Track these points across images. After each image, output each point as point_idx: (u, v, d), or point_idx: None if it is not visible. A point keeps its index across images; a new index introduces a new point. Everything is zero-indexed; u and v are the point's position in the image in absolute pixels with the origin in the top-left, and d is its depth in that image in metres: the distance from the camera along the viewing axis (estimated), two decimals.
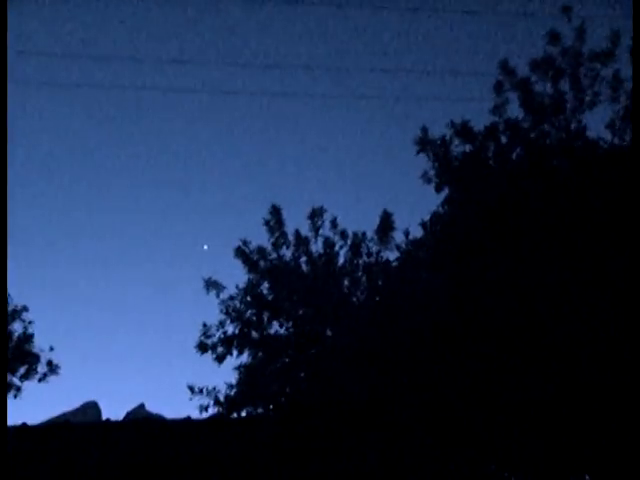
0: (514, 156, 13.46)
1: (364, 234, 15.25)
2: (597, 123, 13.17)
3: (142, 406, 24.55)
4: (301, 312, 14.91)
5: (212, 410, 14.48)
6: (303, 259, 15.30)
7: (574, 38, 13.13)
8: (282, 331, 15.02)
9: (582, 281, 12.22)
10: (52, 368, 17.29)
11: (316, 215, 15.40)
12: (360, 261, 15.17)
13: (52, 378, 17.44)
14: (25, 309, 17.34)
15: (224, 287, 15.23)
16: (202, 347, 14.88)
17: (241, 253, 15.34)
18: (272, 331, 15.04)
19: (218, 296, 15.19)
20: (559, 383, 11.68)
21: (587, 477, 12.58)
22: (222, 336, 14.95)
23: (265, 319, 15.04)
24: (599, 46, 12.98)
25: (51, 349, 17.33)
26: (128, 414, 23.14)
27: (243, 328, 14.98)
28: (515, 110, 13.39)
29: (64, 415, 23.20)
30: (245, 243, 15.41)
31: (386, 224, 15.07)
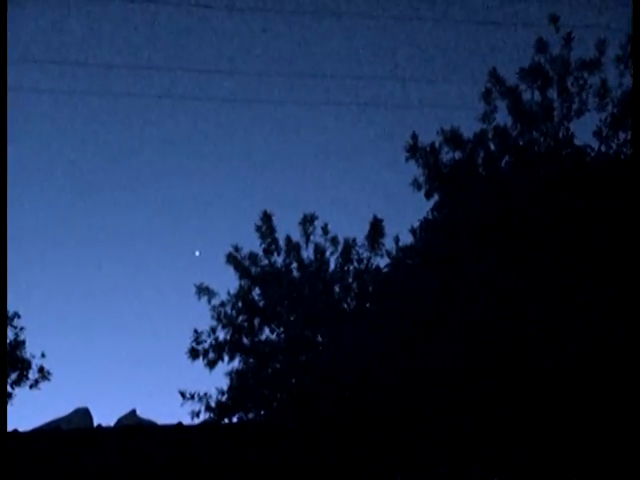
0: (503, 163, 13.54)
1: (354, 240, 15.32)
2: (584, 131, 13.27)
3: (134, 412, 24.59)
4: (292, 318, 14.95)
5: (204, 416, 14.59)
6: (294, 265, 15.35)
7: (562, 47, 13.20)
8: (273, 337, 15.10)
9: (572, 287, 12.25)
10: (44, 374, 17.24)
11: (307, 221, 15.44)
12: (351, 267, 15.25)
13: (43, 384, 17.39)
14: (17, 315, 17.33)
15: (215, 293, 15.29)
16: (193, 353, 14.93)
17: (232, 259, 15.36)
18: (263, 337, 15.12)
19: (209, 302, 15.24)
20: (551, 390, 11.72)
21: None
22: (213, 342, 15.00)
23: (256, 325, 15.10)
24: (587, 55, 13.08)
25: (43, 355, 17.30)
26: (119, 420, 23.17)
27: (234, 334, 15.03)
28: (504, 118, 13.46)
29: (55, 421, 23.21)
30: (236, 249, 15.44)
31: (376, 230, 15.12)
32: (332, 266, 15.39)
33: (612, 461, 11.51)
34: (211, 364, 14.93)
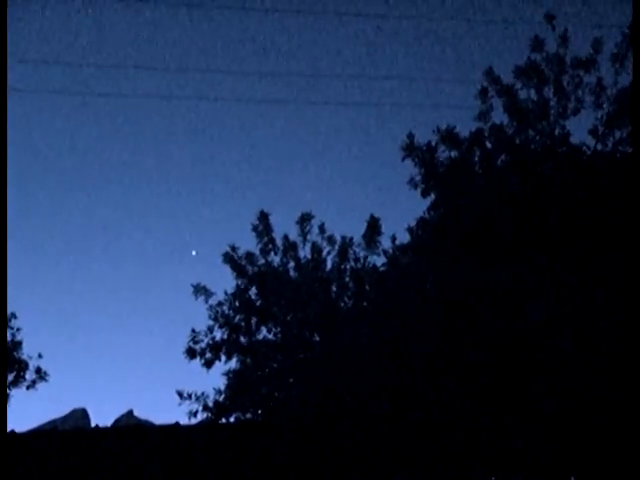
0: (499, 162, 13.50)
1: (351, 239, 15.27)
2: (580, 129, 13.27)
3: (131, 412, 24.72)
4: (289, 318, 14.91)
5: (201, 416, 14.54)
6: (291, 264, 15.32)
7: (557, 45, 13.23)
8: (270, 337, 15.05)
9: (569, 285, 12.25)
10: (41, 375, 17.23)
11: (304, 221, 15.41)
12: (347, 266, 15.18)
13: (41, 385, 17.37)
14: (14, 316, 17.32)
15: (213, 293, 15.29)
16: (191, 353, 14.91)
17: (229, 259, 15.35)
18: (260, 336, 15.07)
19: (207, 302, 15.23)
20: (553, 388, 11.74)
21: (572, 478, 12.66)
22: (210, 342, 14.98)
23: (253, 324, 15.05)
24: (582, 53, 13.10)
25: (40, 356, 17.31)
26: (117, 420, 23.31)
27: (231, 333, 15.00)
28: (500, 116, 13.46)
29: (53, 422, 23.50)
30: (233, 249, 15.43)
31: (373, 229, 15.07)
32: (329, 265, 15.35)
33: (610, 456, 11.56)
34: (208, 364, 14.90)
